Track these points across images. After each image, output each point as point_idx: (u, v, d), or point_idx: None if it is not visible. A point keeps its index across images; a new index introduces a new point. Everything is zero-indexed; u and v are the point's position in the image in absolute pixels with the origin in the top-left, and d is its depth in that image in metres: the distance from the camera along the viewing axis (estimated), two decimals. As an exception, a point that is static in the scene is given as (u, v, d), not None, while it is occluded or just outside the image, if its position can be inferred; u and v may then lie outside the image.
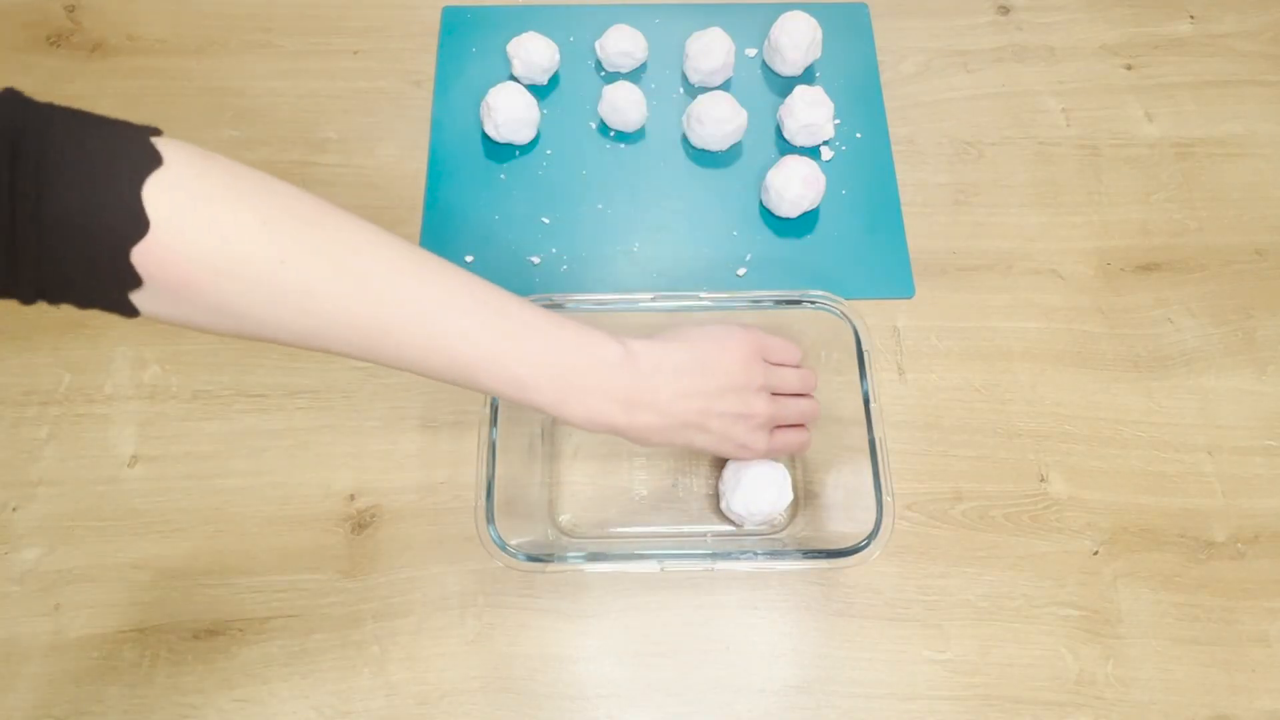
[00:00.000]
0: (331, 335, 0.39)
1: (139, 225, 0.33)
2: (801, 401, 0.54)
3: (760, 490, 0.55)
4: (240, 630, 0.55)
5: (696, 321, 0.52)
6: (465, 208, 0.69)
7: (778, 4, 0.76)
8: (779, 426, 0.53)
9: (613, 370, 0.45)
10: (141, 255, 0.34)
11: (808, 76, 0.75)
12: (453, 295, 0.41)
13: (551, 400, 0.44)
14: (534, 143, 0.71)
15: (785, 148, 0.71)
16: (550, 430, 0.61)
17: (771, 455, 0.53)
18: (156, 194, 0.34)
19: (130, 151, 0.34)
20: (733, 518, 0.57)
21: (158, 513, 0.58)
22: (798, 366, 0.54)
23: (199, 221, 0.35)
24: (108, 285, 0.34)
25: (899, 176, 0.71)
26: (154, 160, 0.34)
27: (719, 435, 0.49)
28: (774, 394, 0.52)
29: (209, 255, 0.35)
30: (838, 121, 0.72)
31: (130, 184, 0.33)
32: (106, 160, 0.34)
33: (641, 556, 0.52)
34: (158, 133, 0.36)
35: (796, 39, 0.71)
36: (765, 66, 0.75)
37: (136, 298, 0.35)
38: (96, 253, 0.33)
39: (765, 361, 0.51)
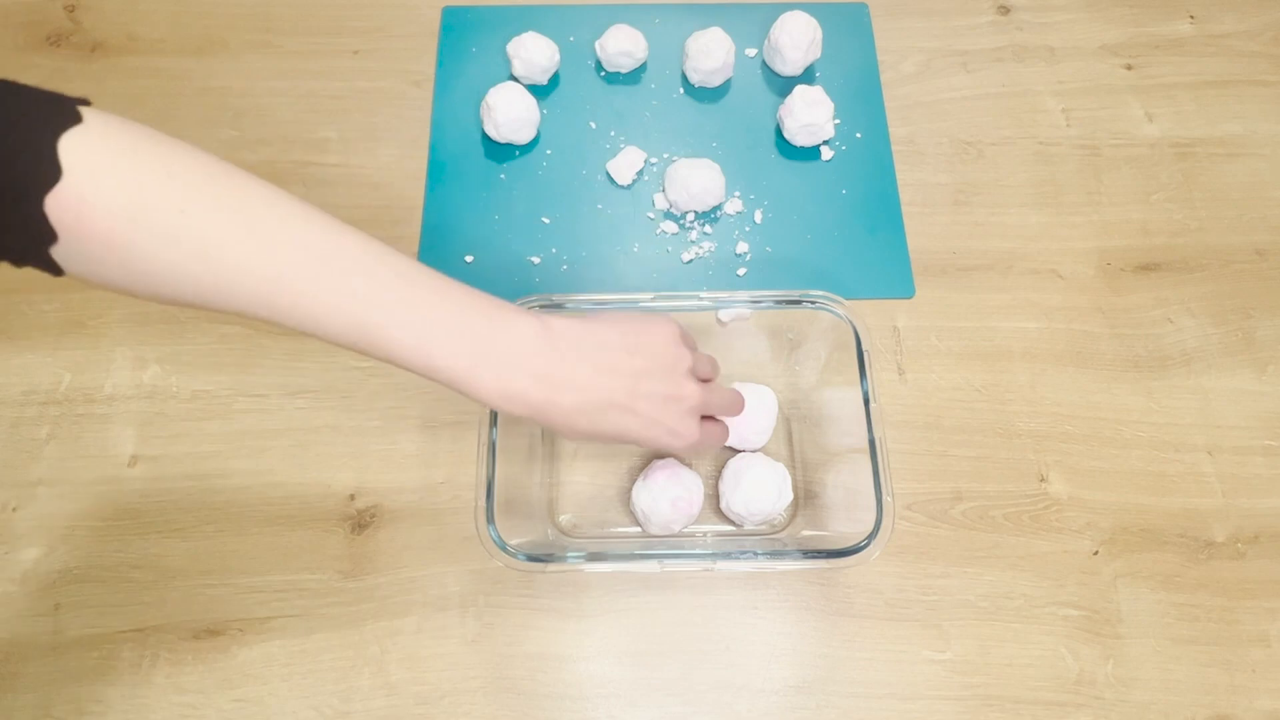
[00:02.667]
0: (234, 291, 0.38)
1: (52, 173, 0.34)
2: (729, 390, 0.52)
3: (760, 490, 0.55)
4: (240, 630, 0.55)
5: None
6: (465, 208, 0.69)
7: (778, 4, 0.76)
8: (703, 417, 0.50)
9: (529, 343, 0.43)
10: (54, 204, 0.34)
11: (808, 76, 0.75)
12: (357, 257, 0.40)
13: (461, 371, 0.41)
14: (534, 143, 0.71)
15: (786, 148, 0.71)
16: (550, 431, 0.61)
17: (700, 448, 0.49)
18: (71, 146, 0.35)
19: (51, 110, 0.36)
20: (733, 518, 0.57)
21: (158, 513, 0.58)
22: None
23: (109, 171, 0.35)
24: (25, 237, 0.35)
25: (899, 176, 0.71)
26: (73, 118, 0.35)
27: (647, 419, 0.45)
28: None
29: (117, 203, 0.35)
30: (838, 121, 0.72)
31: (46, 136, 0.34)
32: (27, 116, 0.35)
33: (641, 556, 0.52)
34: (86, 102, 0.37)
35: (796, 39, 0.71)
36: (765, 66, 0.75)
37: (56, 253, 0.36)
38: (11, 201, 0.34)
39: (688, 349, 0.49)
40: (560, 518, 0.59)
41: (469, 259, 0.67)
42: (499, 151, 0.71)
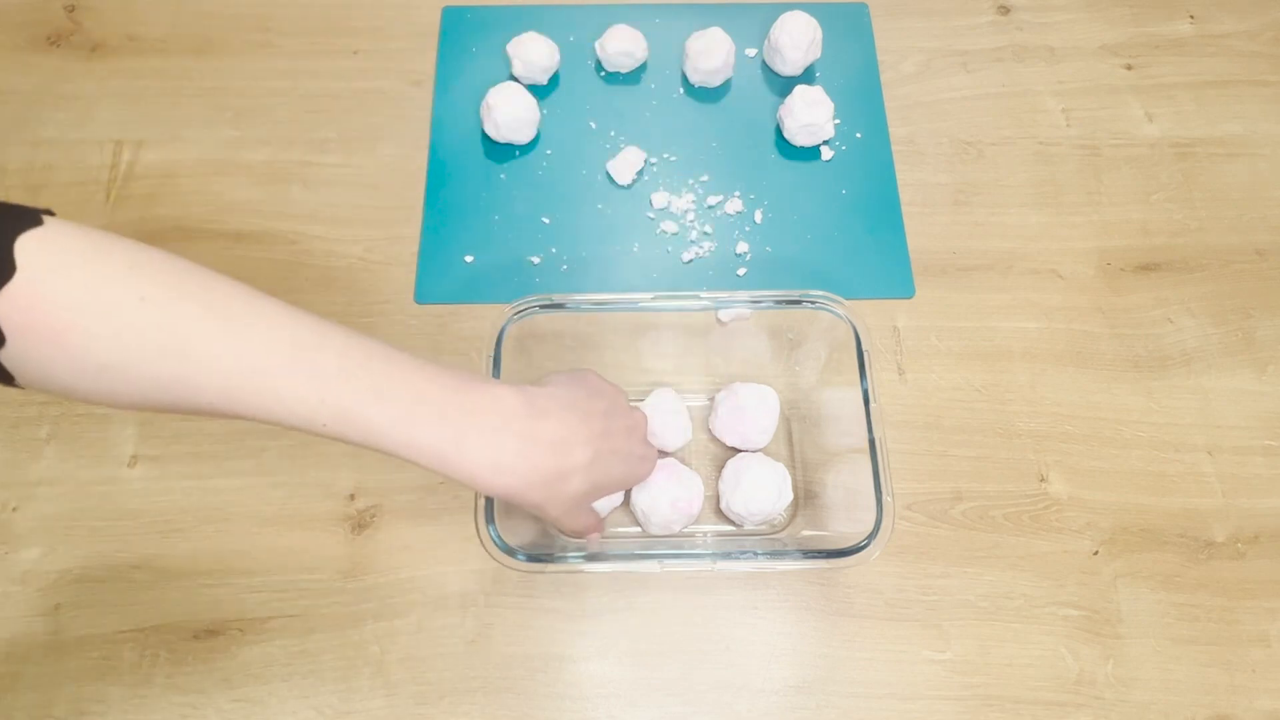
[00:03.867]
0: (198, 384, 0.36)
1: (4, 271, 0.33)
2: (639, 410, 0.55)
3: (760, 490, 0.55)
4: (240, 630, 0.55)
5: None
6: (465, 208, 0.69)
7: (778, 4, 0.76)
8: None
9: (512, 408, 0.42)
10: (5, 303, 0.33)
11: (808, 76, 0.75)
12: (328, 343, 0.38)
13: (447, 445, 0.39)
14: (534, 143, 0.71)
15: (786, 148, 0.71)
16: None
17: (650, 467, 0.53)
18: (28, 246, 0.33)
19: (10, 215, 0.34)
20: (733, 518, 0.57)
21: (158, 513, 0.58)
22: None
23: (66, 268, 0.34)
24: None
25: (899, 176, 0.71)
26: (34, 221, 0.34)
27: (625, 454, 0.48)
28: None
29: (71, 297, 0.34)
30: (838, 121, 0.72)
31: (3, 237, 0.33)
32: None
33: (641, 556, 0.52)
34: (50, 213, 0.35)
35: (796, 39, 0.71)
36: (765, 66, 0.75)
37: (4, 356, 0.34)
38: None
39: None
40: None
41: (469, 259, 0.67)
42: (499, 151, 0.71)
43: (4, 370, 0.35)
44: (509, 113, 0.68)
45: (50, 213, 0.35)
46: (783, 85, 0.74)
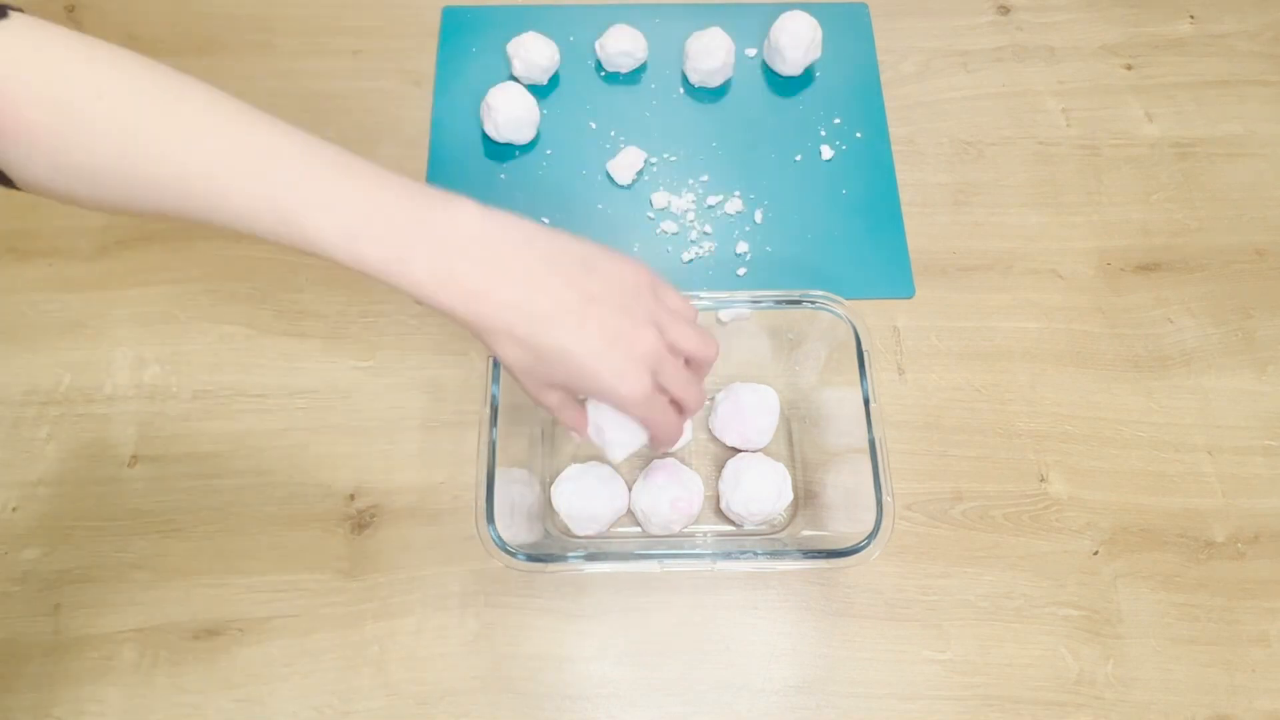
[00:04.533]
0: (153, 183, 0.36)
1: None
2: (691, 378, 0.44)
3: (760, 490, 0.55)
4: (240, 630, 0.55)
5: None
6: (465, 208, 0.69)
7: (778, 4, 0.76)
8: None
9: (471, 228, 0.39)
10: None
11: (808, 76, 0.75)
12: (284, 146, 0.38)
13: (391, 259, 0.37)
14: (534, 143, 0.71)
15: (786, 148, 0.71)
16: (550, 431, 0.61)
17: (648, 415, 0.43)
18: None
19: None
20: (732, 517, 0.57)
21: (158, 513, 0.58)
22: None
23: (28, 61, 0.35)
24: None
25: (899, 176, 0.71)
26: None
27: (592, 349, 0.39)
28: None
29: (37, 91, 0.34)
30: (838, 121, 0.72)
31: None
32: None
33: (641, 556, 0.52)
34: (19, 9, 0.36)
35: (797, 39, 0.71)
36: (765, 66, 0.75)
37: None
38: None
39: (658, 299, 0.43)
40: (559, 516, 0.59)
41: (469, 259, 0.67)
42: (499, 151, 0.71)
43: (2, 174, 0.36)
44: (509, 113, 0.68)
45: (19, 9, 0.36)
46: (783, 85, 0.74)
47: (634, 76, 0.75)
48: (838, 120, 0.73)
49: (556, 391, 0.43)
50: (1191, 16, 0.79)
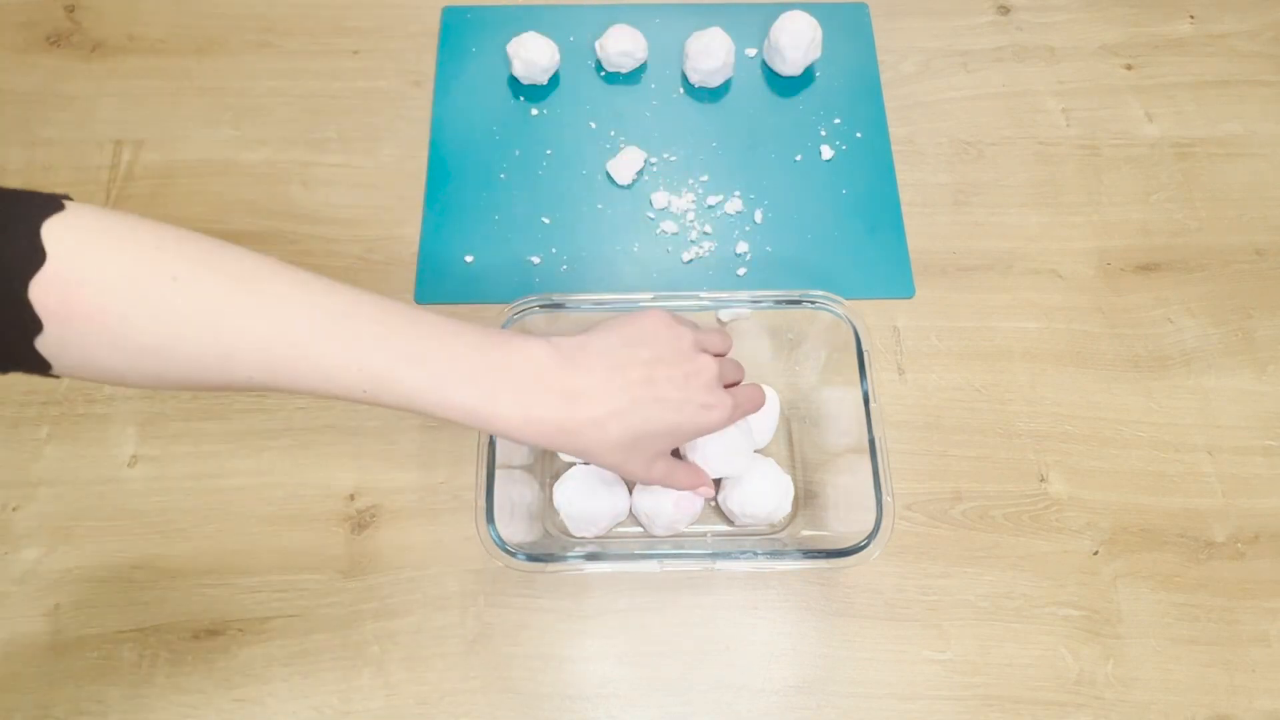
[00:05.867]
0: (234, 356, 0.37)
1: (36, 257, 0.33)
2: (731, 361, 0.51)
3: (760, 489, 0.55)
4: (240, 630, 0.55)
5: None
6: (465, 208, 0.69)
7: (778, 4, 0.76)
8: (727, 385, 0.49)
9: (542, 362, 0.42)
10: (40, 289, 0.33)
11: (808, 76, 0.75)
12: (361, 309, 0.39)
13: (480, 402, 0.40)
14: (531, 148, 0.71)
15: (786, 147, 0.71)
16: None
17: (739, 413, 0.49)
18: (55, 231, 0.34)
19: (34, 200, 0.35)
20: (732, 516, 0.57)
21: (158, 513, 0.58)
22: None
23: (95, 250, 0.35)
24: (9, 328, 0.34)
25: (899, 176, 0.71)
26: (56, 206, 0.35)
27: (676, 401, 0.45)
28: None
29: (105, 279, 0.35)
30: (838, 121, 0.72)
31: (29, 223, 0.34)
32: (9, 207, 0.34)
33: (641, 556, 0.52)
34: (67, 197, 0.36)
35: (796, 39, 0.71)
36: (765, 66, 0.75)
37: (42, 344, 0.34)
38: None
39: (693, 336, 0.48)
40: (560, 517, 0.59)
41: (469, 259, 0.67)
42: (498, 152, 0.71)
43: (40, 359, 0.35)
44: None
45: (68, 198, 0.36)
46: (783, 85, 0.74)
47: (634, 76, 0.75)
48: (838, 120, 0.73)
49: (659, 462, 0.47)
50: (1191, 16, 0.79)
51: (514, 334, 0.44)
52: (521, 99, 0.73)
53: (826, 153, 0.71)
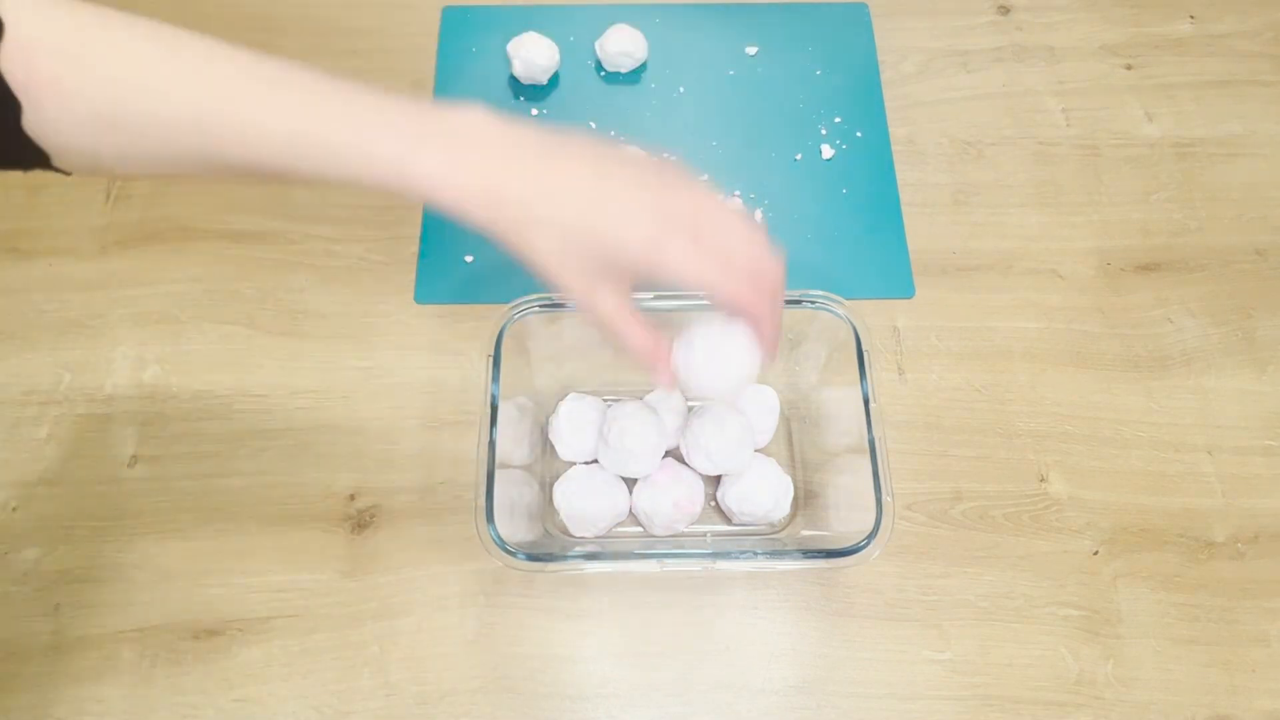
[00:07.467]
0: (179, 127, 0.37)
1: None
2: (752, 236, 0.41)
3: (758, 487, 0.55)
4: (240, 630, 0.55)
5: None
6: (465, 208, 0.68)
7: (778, 4, 0.76)
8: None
9: (485, 124, 0.38)
10: (6, 59, 0.34)
11: (807, 76, 0.75)
12: (291, 76, 0.38)
13: (404, 150, 0.37)
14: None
15: (785, 147, 0.71)
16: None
17: (703, 278, 0.39)
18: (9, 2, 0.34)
19: None
20: (730, 514, 0.57)
21: (158, 513, 0.58)
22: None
23: (47, 16, 0.35)
24: None
25: (899, 176, 0.71)
26: None
27: (634, 204, 0.38)
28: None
29: (57, 45, 0.35)
30: (838, 121, 0.72)
31: None
32: None
33: (641, 556, 0.52)
34: None
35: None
36: (765, 66, 0.75)
37: (28, 125, 0.35)
38: None
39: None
40: (560, 517, 0.59)
41: (469, 259, 0.67)
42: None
43: (36, 147, 0.36)
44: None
45: None
46: (783, 85, 0.74)
47: (634, 76, 0.75)
48: (838, 119, 0.73)
49: (604, 288, 0.40)
50: (1191, 16, 0.79)
51: (461, 105, 0.39)
52: (521, 99, 0.73)
53: (827, 152, 0.71)
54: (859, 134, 0.72)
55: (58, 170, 0.38)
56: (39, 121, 0.36)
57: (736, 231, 0.40)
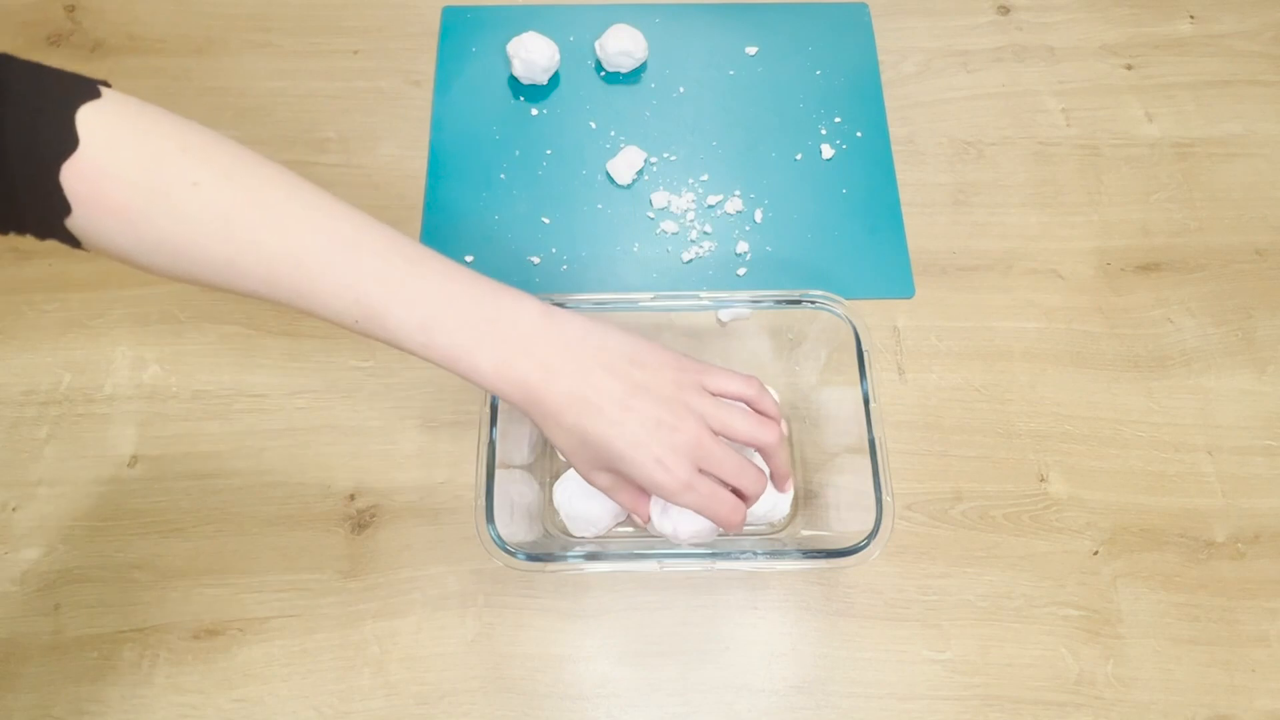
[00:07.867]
0: (241, 267, 0.39)
1: (68, 143, 0.35)
2: (745, 463, 0.45)
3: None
4: (240, 630, 0.55)
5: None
6: (465, 208, 0.69)
7: (778, 4, 0.76)
8: (715, 480, 0.45)
9: (532, 328, 0.42)
10: (70, 174, 0.35)
11: (807, 76, 0.75)
12: (365, 239, 0.41)
13: (460, 352, 0.41)
14: (535, 140, 0.71)
15: (785, 147, 0.71)
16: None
17: (695, 502, 0.44)
18: (89, 118, 0.36)
19: (71, 86, 0.36)
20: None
21: (158, 513, 0.58)
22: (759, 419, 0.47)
23: (125, 144, 0.36)
24: (40, 206, 0.36)
25: (899, 176, 0.71)
26: (92, 94, 0.36)
27: (633, 438, 0.42)
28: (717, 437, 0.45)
29: (131, 176, 0.36)
30: (838, 121, 0.72)
31: (65, 108, 0.35)
32: (47, 91, 0.36)
33: (641, 556, 0.51)
34: (106, 84, 0.38)
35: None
36: (765, 66, 0.75)
37: (72, 225, 0.36)
38: (29, 170, 0.35)
39: (705, 391, 0.45)
40: (560, 517, 0.59)
41: (469, 259, 0.67)
42: (499, 150, 0.71)
43: (71, 236, 0.37)
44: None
45: (106, 84, 0.38)
46: (783, 85, 0.74)
47: (634, 76, 0.75)
48: (838, 119, 0.73)
49: (607, 474, 0.46)
50: (1191, 16, 0.79)
51: (512, 292, 0.43)
52: (521, 99, 0.73)
53: (827, 152, 0.71)
54: (859, 134, 0.72)
55: (78, 248, 0.39)
56: (89, 228, 0.37)
57: (736, 430, 0.45)
